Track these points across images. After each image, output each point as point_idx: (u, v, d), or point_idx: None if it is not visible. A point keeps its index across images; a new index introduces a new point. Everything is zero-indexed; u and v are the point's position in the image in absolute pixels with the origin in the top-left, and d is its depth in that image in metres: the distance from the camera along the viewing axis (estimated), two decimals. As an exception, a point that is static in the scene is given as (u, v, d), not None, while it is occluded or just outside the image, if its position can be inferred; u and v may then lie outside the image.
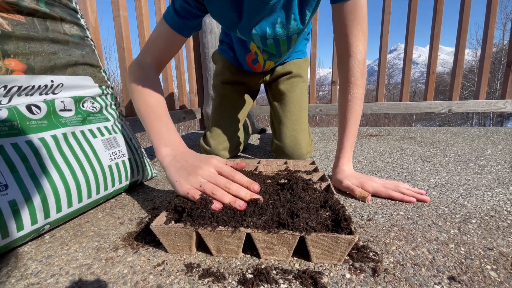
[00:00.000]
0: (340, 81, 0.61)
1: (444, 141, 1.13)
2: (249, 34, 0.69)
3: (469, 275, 0.32)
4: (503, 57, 11.74)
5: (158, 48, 0.62)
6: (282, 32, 0.68)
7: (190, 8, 0.61)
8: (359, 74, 0.57)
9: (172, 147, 0.50)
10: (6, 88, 0.44)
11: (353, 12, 0.54)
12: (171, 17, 0.60)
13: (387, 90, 20.52)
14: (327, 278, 0.32)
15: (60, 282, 0.33)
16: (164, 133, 0.52)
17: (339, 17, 0.56)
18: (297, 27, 0.67)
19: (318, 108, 1.70)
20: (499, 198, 0.54)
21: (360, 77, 0.58)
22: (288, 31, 0.68)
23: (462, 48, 1.51)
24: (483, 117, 12.74)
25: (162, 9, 1.39)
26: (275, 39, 0.70)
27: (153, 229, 0.37)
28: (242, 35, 0.71)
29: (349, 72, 0.58)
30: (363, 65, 0.57)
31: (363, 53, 0.57)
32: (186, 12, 0.61)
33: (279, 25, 0.66)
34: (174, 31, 0.61)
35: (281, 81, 0.93)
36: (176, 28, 0.61)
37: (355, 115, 0.59)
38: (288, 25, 0.66)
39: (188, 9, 0.60)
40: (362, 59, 0.57)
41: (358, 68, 0.57)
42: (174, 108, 1.55)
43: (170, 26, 0.61)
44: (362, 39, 0.56)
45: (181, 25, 0.61)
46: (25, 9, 0.49)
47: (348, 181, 0.58)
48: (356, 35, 0.56)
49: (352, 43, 0.56)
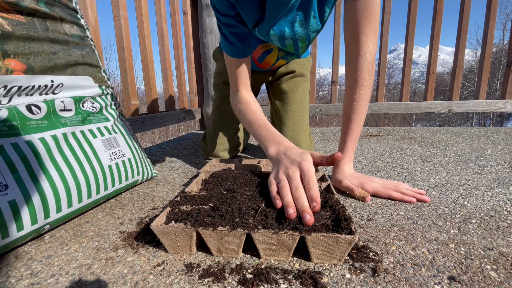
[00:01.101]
0: (346, 80, 0.61)
1: (444, 141, 1.13)
2: (267, 35, 0.68)
3: (469, 275, 0.32)
4: (503, 57, 11.74)
5: (236, 76, 0.69)
6: (301, 31, 0.67)
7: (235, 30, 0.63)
8: (367, 74, 0.57)
9: (276, 145, 0.55)
10: (6, 88, 0.44)
11: (366, 10, 0.54)
12: (229, 49, 0.66)
13: (387, 90, 20.50)
14: (327, 278, 0.32)
15: (60, 282, 0.33)
16: (268, 136, 0.58)
17: (351, 14, 0.55)
18: (316, 25, 0.66)
19: (318, 108, 1.70)
20: (499, 198, 0.54)
21: (367, 78, 0.57)
22: (308, 30, 0.67)
23: (462, 48, 1.51)
24: (483, 117, 12.74)
25: (162, 9, 1.39)
26: (293, 39, 0.69)
27: (153, 229, 0.37)
28: (260, 35, 0.70)
29: (357, 71, 0.57)
30: (371, 65, 0.57)
31: (373, 53, 0.56)
32: (236, 36, 0.64)
33: (298, 24, 0.65)
34: (238, 59, 0.67)
35: (283, 80, 0.93)
36: (239, 56, 0.67)
37: (359, 116, 0.59)
38: (307, 23, 0.65)
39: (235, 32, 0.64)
40: (371, 59, 0.56)
41: (366, 68, 0.56)
42: (174, 108, 1.55)
43: (232, 57, 0.67)
44: (373, 39, 0.55)
45: (240, 51, 0.66)
46: (25, 9, 0.49)
47: (348, 181, 0.57)
48: (367, 34, 0.55)
49: (363, 42, 0.55)
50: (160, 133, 6.09)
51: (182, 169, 0.83)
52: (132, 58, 1.19)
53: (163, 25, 1.39)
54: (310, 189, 0.41)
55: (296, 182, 0.42)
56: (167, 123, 1.41)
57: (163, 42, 1.42)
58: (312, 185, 0.41)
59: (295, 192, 0.41)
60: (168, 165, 0.89)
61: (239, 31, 0.63)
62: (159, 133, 6.07)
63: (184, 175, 0.76)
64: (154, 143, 5.65)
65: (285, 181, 0.44)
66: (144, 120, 1.22)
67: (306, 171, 0.43)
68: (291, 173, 0.44)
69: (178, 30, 1.54)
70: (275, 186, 0.44)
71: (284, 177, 0.45)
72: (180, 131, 6.22)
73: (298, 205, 0.39)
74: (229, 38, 0.64)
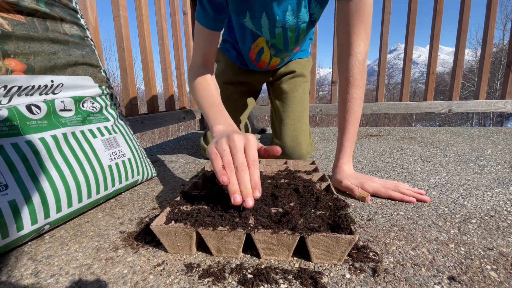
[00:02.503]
0: (339, 80, 0.61)
1: (444, 141, 1.13)
2: (258, 21, 0.69)
3: (469, 275, 0.32)
4: (503, 57, 11.74)
5: (201, 48, 0.68)
6: (292, 20, 0.67)
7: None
8: (358, 74, 0.57)
9: (225, 125, 0.53)
10: (6, 88, 0.44)
11: (358, 10, 0.54)
12: (201, 17, 0.65)
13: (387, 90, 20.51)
14: (327, 278, 0.32)
15: (60, 282, 0.33)
16: (218, 117, 0.56)
17: (344, 14, 0.56)
18: (306, 15, 0.67)
19: (318, 108, 1.70)
20: (499, 198, 0.54)
21: (359, 77, 0.57)
22: (298, 19, 0.67)
23: (462, 48, 1.51)
24: (483, 117, 12.74)
25: (162, 9, 1.39)
26: (283, 27, 0.70)
27: (153, 229, 0.37)
28: (251, 21, 0.70)
29: (348, 71, 0.57)
30: (363, 65, 0.57)
31: (364, 53, 0.57)
32: (212, 5, 0.63)
33: (290, 13, 0.66)
34: (208, 30, 0.65)
35: (284, 80, 0.93)
36: (209, 25, 0.65)
37: (353, 116, 0.59)
38: (298, 12, 0.65)
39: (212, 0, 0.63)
40: (362, 59, 0.57)
41: (357, 68, 0.57)
42: (174, 108, 1.55)
43: (204, 26, 0.65)
44: (364, 39, 0.56)
45: (212, 21, 0.65)
46: (25, 9, 0.49)
47: (348, 181, 0.57)
48: (358, 34, 0.55)
49: (354, 42, 0.56)
50: (160, 133, 6.09)
51: (182, 169, 0.83)
52: (132, 58, 1.19)
53: (163, 25, 1.39)
54: (254, 175, 0.39)
55: (241, 158, 0.40)
56: (167, 123, 1.41)
57: (163, 42, 1.42)
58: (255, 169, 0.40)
59: (239, 173, 0.39)
60: (168, 165, 0.89)
61: (216, 0, 0.63)
62: (159, 133, 6.08)
63: (184, 175, 0.76)
64: (154, 143, 5.65)
65: (229, 155, 0.41)
66: (144, 120, 1.22)
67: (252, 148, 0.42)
68: (237, 145, 0.41)
69: (178, 30, 1.54)
70: (220, 160, 0.41)
71: (228, 148, 0.42)
72: (180, 131, 6.22)
73: (241, 186, 0.38)
74: (204, 3, 0.63)
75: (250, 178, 0.39)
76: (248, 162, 0.40)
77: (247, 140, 0.42)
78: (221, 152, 0.42)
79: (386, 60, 1.65)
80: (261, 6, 0.66)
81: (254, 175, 0.39)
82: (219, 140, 0.43)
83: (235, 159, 0.40)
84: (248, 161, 0.40)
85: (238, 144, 0.42)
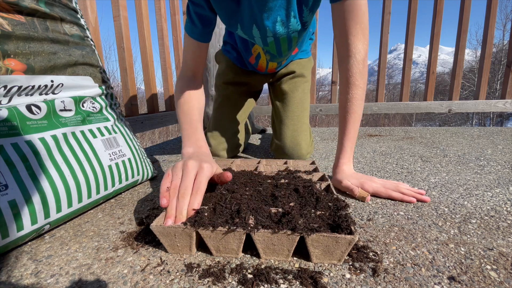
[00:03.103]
0: (340, 81, 0.61)
1: (444, 141, 1.13)
2: (249, 31, 0.69)
3: (469, 275, 0.32)
4: (503, 57, 11.74)
5: (189, 58, 0.69)
6: (282, 30, 0.67)
7: (201, 11, 0.64)
8: (358, 74, 0.57)
9: (194, 147, 0.57)
10: (6, 88, 0.44)
11: (352, 11, 0.54)
12: (190, 29, 0.66)
13: (387, 90, 20.51)
14: (327, 278, 0.32)
15: (60, 282, 0.33)
16: (191, 136, 0.60)
17: (338, 16, 0.56)
18: (297, 25, 0.67)
19: (318, 108, 1.70)
20: (499, 198, 0.54)
21: (359, 78, 0.57)
22: (288, 29, 0.67)
23: (462, 48, 1.51)
24: (483, 117, 12.74)
25: (162, 9, 1.39)
26: (275, 37, 0.70)
27: (153, 229, 0.37)
28: (243, 31, 0.71)
29: (348, 72, 0.57)
30: (362, 65, 0.57)
31: (363, 53, 0.56)
32: (200, 18, 0.64)
33: (279, 24, 0.66)
34: (196, 41, 0.67)
35: (284, 80, 0.93)
36: (197, 37, 0.66)
37: (354, 116, 0.59)
38: (288, 23, 0.66)
39: (201, 14, 0.64)
40: (361, 59, 0.57)
41: (357, 68, 0.57)
42: (174, 108, 1.55)
43: (192, 38, 0.66)
44: (362, 39, 0.56)
45: (200, 34, 0.66)
46: (25, 9, 0.49)
47: (348, 181, 0.57)
48: (355, 34, 0.55)
49: (351, 43, 0.56)
50: (160, 133, 6.09)
51: (182, 169, 0.83)
52: (132, 58, 1.19)
53: (163, 25, 1.40)
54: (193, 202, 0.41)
55: (186, 184, 0.42)
56: (167, 123, 1.41)
57: (163, 42, 1.42)
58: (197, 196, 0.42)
59: (179, 198, 0.41)
60: (168, 165, 0.89)
61: (204, 14, 0.65)
62: (159, 133, 6.08)
63: (184, 175, 0.76)
64: (154, 143, 5.65)
65: (179, 179, 0.44)
66: (144, 120, 1.22)
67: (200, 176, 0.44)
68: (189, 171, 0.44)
69: (178, 30, 1.54)
70: (168, 182, 0.44)
71: (180, 173, 0.44)
72: (179, 131, 6.21)
73: (177, 211, 0.40)
74: (193, 17, 0.64)
75: (189, 204, 0.41)
76: (192, 189, 0.43)
77: (200, 168, 0.45)
78: (173, 175, 0.45)
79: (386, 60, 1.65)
80: (250, 19, 0.66)
81: (193, 202, 0.41)
82: (177, 164, 0.47)
83: (181, 184, 0.43)
84: (193, 187, 0.43)
85: (190, 171, 0.44)
